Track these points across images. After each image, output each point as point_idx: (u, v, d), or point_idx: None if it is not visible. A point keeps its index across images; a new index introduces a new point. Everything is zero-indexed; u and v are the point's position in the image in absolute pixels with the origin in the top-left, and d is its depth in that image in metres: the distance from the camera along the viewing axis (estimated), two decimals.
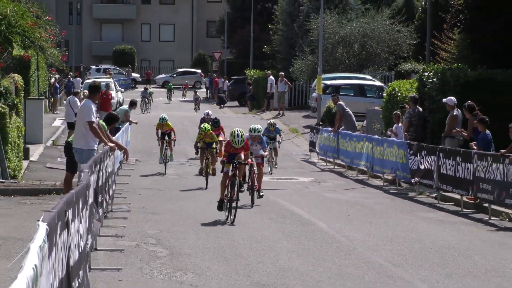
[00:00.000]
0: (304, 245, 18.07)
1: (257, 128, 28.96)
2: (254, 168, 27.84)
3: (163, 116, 31.03)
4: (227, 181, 24.30)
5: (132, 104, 41.73)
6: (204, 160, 28.12)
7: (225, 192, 24.40)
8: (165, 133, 30.32)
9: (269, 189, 20.76)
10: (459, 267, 16.92)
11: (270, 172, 34.37)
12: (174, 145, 31.81)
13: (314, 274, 15.08)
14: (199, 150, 29.18)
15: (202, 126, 29.39)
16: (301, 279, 14.77)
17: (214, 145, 28.72)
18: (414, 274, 15.94)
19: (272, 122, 34.83)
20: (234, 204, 22.87)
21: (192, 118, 58.85)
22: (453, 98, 29.09)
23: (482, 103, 28.02)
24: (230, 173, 24.12)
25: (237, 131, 24.35)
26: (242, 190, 25.09)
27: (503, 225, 23.33)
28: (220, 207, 23.79)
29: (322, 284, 14.12)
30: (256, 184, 27.29)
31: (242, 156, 24.60)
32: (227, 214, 23.60)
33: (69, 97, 33.32)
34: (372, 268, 16.46)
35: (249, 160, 23.61)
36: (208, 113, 33.69)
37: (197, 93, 79.29)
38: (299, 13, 74.58)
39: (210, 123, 33.07)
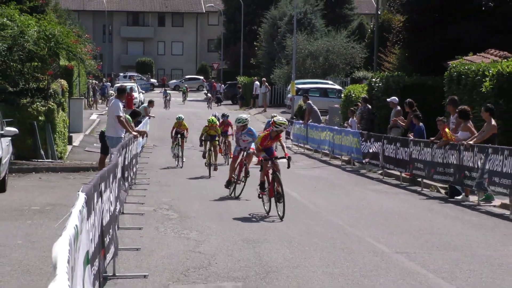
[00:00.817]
0: None
1: (242, 118, 23.63)
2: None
3: (180, 116, 28.83)
4: (236, 164, 21.59)
5: (150, 102, 42.20)
6: (207, 152, 25.90)
7: (233, 174, 21.83)
8: (179, 132, 27.72)
9: (256, 168, 20.57)
10: (399, 227, 16.97)
11: None
12: (185, 141, 29.30)
13: (289, 231, 15.17)
14: (202, 142, 26.76)
15: (209, 118, 27.23)
16: (278, 236, 14.82)
17: (217, 138, 26.49)
18: (364, 232, 16.02)
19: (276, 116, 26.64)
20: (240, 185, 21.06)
21: (198, 113, 58.51)
22: (395, 98, 29.26)
23: (416, 102, 28.13)
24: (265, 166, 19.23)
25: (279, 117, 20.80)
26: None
27: (432, 195, 23.52)
28: (227, 186, 21.37)
29: (294, 239, 14.11)
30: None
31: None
32: (231, 190, 21.57)
33: (109, 99, 33.01)
34: (333, 227, 16.50)
35: (286, 153, 19.23)
36: (215, 114, 30.99)
37: (208, 94, 79.22)
38: (277, 34, 74.54)
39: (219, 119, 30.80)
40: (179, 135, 27.62)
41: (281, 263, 12.64)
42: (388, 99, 29.75)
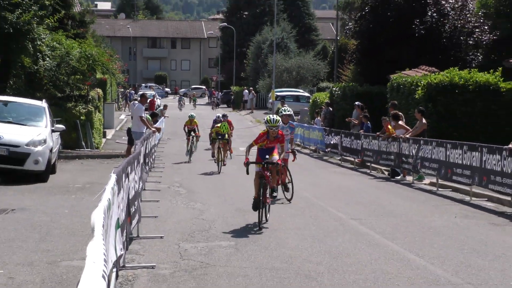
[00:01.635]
0: None
1: (283, 112, 18.28)
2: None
3: (192, 114, 27.55)
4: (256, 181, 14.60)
5: (165, 106, 42.90)
6: (216, 149, 23.35)
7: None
8: (191, 130, 25.64)
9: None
10: (353, 199, 16.99)
11: None
12: (198, 140, 27.85)
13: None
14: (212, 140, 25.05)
15: (221, 124, 24.51)
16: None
17: (226, 136, 24.02)
18: (327, 203, 16.07)
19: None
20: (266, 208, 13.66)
21: (201, 114, 58.14)
22: (359, 103, 29.34)
23: (365, 106, 28.19)
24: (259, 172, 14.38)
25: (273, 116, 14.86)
26: (275, 195, 15.41)
27: (378, 175, 23.62)
28: (254, 207, 14.20)
29: (273, 209, 14.05)
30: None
31: (276, 155, 14.39)
32: (259, 216, 13.99)
33: (131, 102, 32.96)
34: (303, 200, 16.46)
35: (279, 159, 14.35)
36: (219, 116, 28.53)
37: (214, 98, 79.43)
38: (261, 54, 74.44)
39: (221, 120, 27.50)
40: (192, 134, 25.68)
41: (268, 224, 12.69)
42: (356, 103, 29.70)
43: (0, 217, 13.26)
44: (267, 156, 14.04)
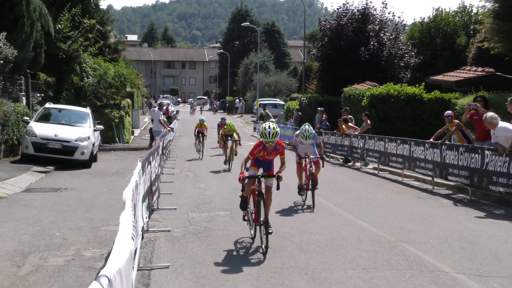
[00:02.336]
0: None
1: (308, 129, 13.20)
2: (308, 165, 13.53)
3: (202, 118, 24.66)
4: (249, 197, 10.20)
5: (177, 112, 42.74)
6: (227, 150, 19.43)
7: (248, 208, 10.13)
8: (200, 131, 23.15)
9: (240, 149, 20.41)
10: (335, 188, 16.91)
11: None
12: (206, 139, 24.43)
13: None
14: (223, 141, 20.42)
15: (228, 122, 21.06)
16: None
17: (235, 136, 19.88)
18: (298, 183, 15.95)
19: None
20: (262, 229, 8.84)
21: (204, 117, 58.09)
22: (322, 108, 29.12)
23: (326, 110, 28.14)
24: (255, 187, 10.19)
25: (269, 124, 10.30)
26: (271, 231, 8.83)
27: (335, 162, 23.36)
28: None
29: None
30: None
31: (271, 181, 10.40)
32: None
33: (152, 108, 32.81)
34: (281, 182, 16.39)
35: (279, 171, 10.48)
36: (222, 119, 26.03)
37: (214, 105, 78.69)
38: (248, 73, 74.20)
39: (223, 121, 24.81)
40: (200, 134, 23.20)
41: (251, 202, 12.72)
42: (318, 108, 29.44)
43: (56, 194, 13.26)
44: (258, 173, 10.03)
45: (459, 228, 10.20)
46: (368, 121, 21.64)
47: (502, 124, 12.40)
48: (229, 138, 19.29)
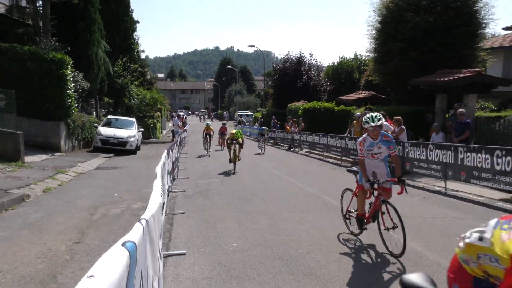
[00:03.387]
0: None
1: (377, 116, 5.03)
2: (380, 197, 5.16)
3: (208, 123, 20.47)
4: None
5: (186, 118, 41.53)
6: (231, 152, 13.68)
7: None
8: (208, 134, 19.55)
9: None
10: (272, 159, 16.83)
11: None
12: (212, 139, 20.51)
13: (238, 163, 14.94)
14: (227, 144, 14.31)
15: (236, 131, 14.42)
16: (237, 165, 14.68)
17: (240, 141, 14.01)
18: (265, 165, 15.80)
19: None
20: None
21: (204, 124, 57.25)
22: (274, 116, 28.86)
23: (277, 118, 28.00)
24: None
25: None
26: (365, 227, 5.47)
27: (283, 148, 23.26)
28: (360, 226, 5.56)
29: (241, 165, 13.93)
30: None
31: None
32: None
33: (173, 118, 32.45)
34: (253, 163, 16.20)
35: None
36: (223, 124, 22.69)
37: (211, 115, 75.89)
38: (231, 96, 73.77)
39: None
40: (207, 136, 19.47)
41: (236, 174, 12.65)
42: (273, 116, 29.37)
43: (115, 170, 13.04)
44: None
45: (355, 186, 10.32)
46: (302, 124, 21.72)
47: (385, 122, 12.45)
48: (234, 141, 13.97)
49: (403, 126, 11.96)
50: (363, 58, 35.74)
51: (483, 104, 18.31)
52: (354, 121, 15.64)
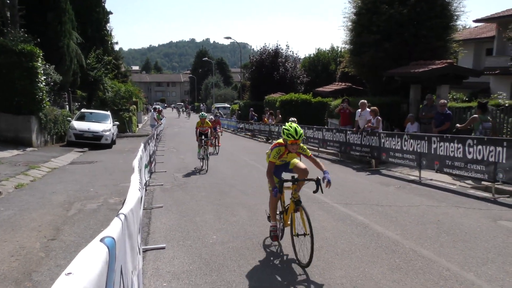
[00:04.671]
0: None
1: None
2: None
3: (202, 113, 13.20)
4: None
5: (161, 111, 40.92)
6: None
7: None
8: (203, 132, 12.57)
9: None
10: (249, 151, 16.77)
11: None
12: (218, 142, 15.79)
13: (216, 156, 14.86)
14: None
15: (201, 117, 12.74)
16: (213, 157, 14.53)
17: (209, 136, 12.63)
18: (239, 154, 15.78)
19: None
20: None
21: (182, 118, 56.50)
22: (252, 108, 28.90)
23: (254, 110, 28.01)
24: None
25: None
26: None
27: (260, 140, 23.10)
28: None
29: (217, 158, 13.87)
30: None
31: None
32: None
33: (150, 112, 31.88)
34: (229, 153, 16.16)
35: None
36: (215, 116, 15.54)
37: (188, 108, 73.84)
38: (207, 88, 73.23)
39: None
40: (203, 136, 12.34)
41: (213, 164, 12.54)
42: (250, 108, 29.27)
43: (90, 165, 12.77)
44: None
45: (333, 176, 10.34)
46: (280, 116, 21.78)
47: (371, 109, 12.52)
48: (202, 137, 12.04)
49: (379, 117, 12.14)
50: (339, 49, 36.02)
51: (454, 94, 18.79)
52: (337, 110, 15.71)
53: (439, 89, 14.16)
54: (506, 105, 12.92)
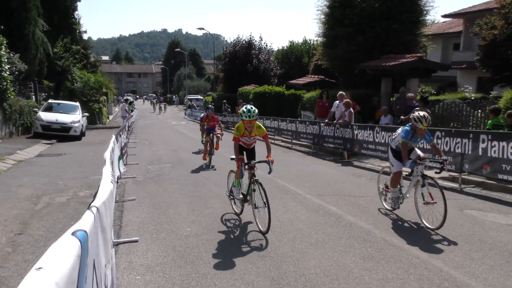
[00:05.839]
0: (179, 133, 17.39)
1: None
2: None
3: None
4: None
5: (131, 103, 39.93)
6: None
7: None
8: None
9: (176, 124, 19.85)
10: (229, 144, 16.78)
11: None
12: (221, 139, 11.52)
13: (186, 146, 14.68)
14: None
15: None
16: (184, 148, 14.33)
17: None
18: (221, 151, 15.70)
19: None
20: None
21: (150, 109, 55.48)
22: (225, 100, 28.67)
23: (228, 102, 27.83)
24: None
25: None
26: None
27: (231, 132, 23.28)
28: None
29: (190, 149, 13.71)
30: None
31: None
32: None
33: (122, 103, 31.18)
34: (195, 142, 16.12)
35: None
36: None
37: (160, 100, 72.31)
38: (180, 79, 72.20)
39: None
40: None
41: (186, 157, 12.44)
42: (224, 101, 29.05)
43: (58, 157, 12.40)
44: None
45: (307, 168, 10.54)
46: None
47: (344, 102, 12.59)
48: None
49: (351, 110, 12.32)
50: (312, 42, 36.25)
51: (424, 88, 19.29)
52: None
53: (409, 82, 14.48)
54: (472, 98, 13.37)
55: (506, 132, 7.38)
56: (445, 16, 25.63)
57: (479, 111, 11.78)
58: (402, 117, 11.54)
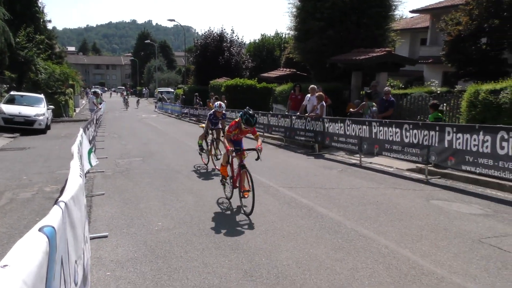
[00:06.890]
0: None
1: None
2: None
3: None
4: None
5: (98, 95, 38.92)
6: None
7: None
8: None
9: (152, 117, 19.39)
10: (193, 136, 16.65)
11: None
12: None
13: (156, 139, 14.49)
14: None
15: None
16: (156, 141, 14.15)
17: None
18: (183, 139, 15.49)
19: None
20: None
21: (120, 101, 54.17)
22: (197, 93, 28.35)
23: (199, 95, 27.57)
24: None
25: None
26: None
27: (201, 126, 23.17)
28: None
29: (161, 142, 13.53)
30: None
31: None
32: None
33: (90, 95, 30.21)
34: (171, 138, 15.92)
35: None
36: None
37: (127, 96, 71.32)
38: (150, 72, 70.86)
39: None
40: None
41: (157, 150, 12.25)
42: (195, 94, 28.67)
43: (22, 151, 11.97)
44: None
45: (279, 161, 10.61)
46: (225, 101, 21.60)
47: (316, 95, 12.70)
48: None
49: (323, 103, 12.46)
50: (284, 35, 36.36)
51: (392, 82, 19.74)
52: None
53: (378, 76, 14.78)
54: (438, 92, 13.81)
55: (470, 125, 7.67)
56: (413, 11, 26.23)
57: (445, 104, 12.17)
58: (351, 110, 12.68)
